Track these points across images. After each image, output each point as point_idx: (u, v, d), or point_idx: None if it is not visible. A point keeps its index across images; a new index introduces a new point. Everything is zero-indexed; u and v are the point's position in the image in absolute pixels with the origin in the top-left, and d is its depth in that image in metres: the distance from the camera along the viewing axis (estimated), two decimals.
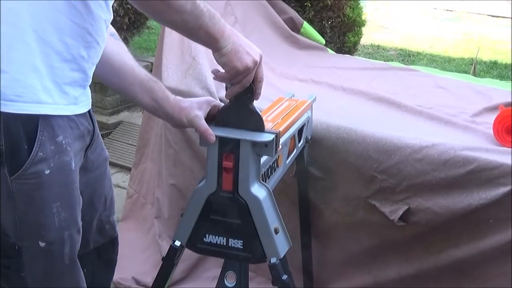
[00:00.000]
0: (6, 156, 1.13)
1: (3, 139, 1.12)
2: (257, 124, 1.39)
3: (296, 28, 2.87)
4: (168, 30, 2.22)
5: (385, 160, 1.68)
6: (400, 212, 1.66)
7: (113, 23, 1.37)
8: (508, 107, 1.87)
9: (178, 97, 1.45)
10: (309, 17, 3.34)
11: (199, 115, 1.40)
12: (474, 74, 4.05)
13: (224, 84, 1.42)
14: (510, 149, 1.65)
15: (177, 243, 1.47)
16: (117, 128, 3.80)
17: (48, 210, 1.19)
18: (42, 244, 1.21)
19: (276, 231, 1.43)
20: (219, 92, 1.99)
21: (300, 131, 1.70)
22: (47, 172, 1.16)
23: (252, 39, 2.53)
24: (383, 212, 1.70)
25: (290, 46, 2.77)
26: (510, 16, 6.92)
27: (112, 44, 1.38)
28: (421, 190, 1.65)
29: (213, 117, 1.43)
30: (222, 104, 1.46)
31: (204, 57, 2.13)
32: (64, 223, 1.22)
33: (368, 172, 1.71)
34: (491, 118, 1.82)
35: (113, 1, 1.26)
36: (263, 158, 1.45)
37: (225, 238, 1.44)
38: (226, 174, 1.40)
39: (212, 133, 1.37)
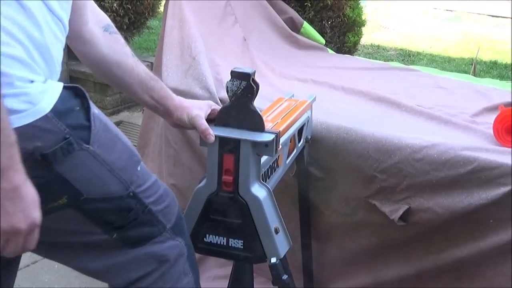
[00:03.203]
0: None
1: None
2: (257, 124, 1.40)
3: (296, 28, 2.87)
4: (168, 30, 2.22)
5: (385, 160, 1.68)
6: (401, 212, 1.67)
7: (113, 23, 1.37)
8: (508, 107, 1.87)
9: (181, 97, 1.45)
10: (309, 17, 3.34)
11: (200, 114, 1.41)
12: (474, 74, 4.04)
13: (224, 84, 1.42)
14: (510, 149, 1.65)
15: None
16: None
17: None
18: None
19: (277, 231, 1.43)
20: (219, 93, 1.99)
21: (300, 131, 1.70)
22: None
23: (252, 39, 2.56)
24: (384, 212, 1.70)
25: (290, 46, 2.77)
26: (510, 16, 6.92)
27: (107, 43, 1.34)
28: (422, 190, 1.65)
29: (212, 120, 1.43)
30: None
31: (204, 57, 2.13)
32: None
33: (369, 172, 1.71)
34: (491, 118, 1.82)
35: None
36: (263, 158, 1.45)
37: (225, 238, 1.45)
38: (226, 174, 1.41)
39: (212, 133, 1.38)
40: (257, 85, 1.37)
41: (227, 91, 1.38)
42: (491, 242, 1.59)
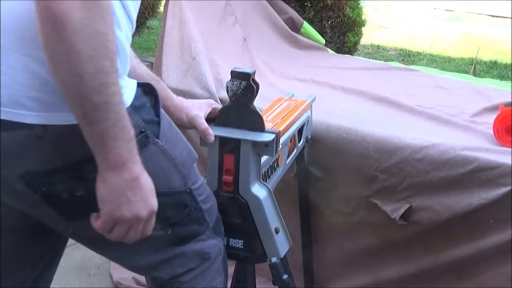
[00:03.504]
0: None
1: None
2: (257, 124, 1.40)
3: (296, 28, 2.87)
4: (168, 30, 2.22)
5: (386, 160, 1.69)
6: (402, 211, 1.67)
7: None
8: (508, 107, 1.87)
9: (181, 97, 1.46)
10: (309, 17, 3.34)
11: (200, 114, 1.41)
12: (474, 74, 4.05)
13: (224, 84, 1.42)
14: (510, 149, 1.65)
15: None
16: None
17: None
18: None
19: (277, 231, 1.44)
20: (219, 93, 1.99)
21: (300, 130, 1.70)
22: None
23: (252, 39, 2.56)
24: (385, 211, 1.70)
25: (290, 46, 2.77)
26: (510, 16, 6.92)
27: None
28: (422, 189, 1.65)
29: (213, 119, 1.44)
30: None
31: (204, 57, 2.13)
32: None
33: (369, 171, 1.72)
34: (491, 118, 1.82)
35: None
36: (264, 158, 1.45)
37: (225, 238, 1.45)
38: (226, 174, 1.41)
39: (212, 132, 1.38)
40: (257, 85, 1.38)
41: (227, 91, 1.38)
42: (491, 242, 1.59)
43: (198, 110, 1.43)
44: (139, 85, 1.13)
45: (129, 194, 0.98)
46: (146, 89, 1.14)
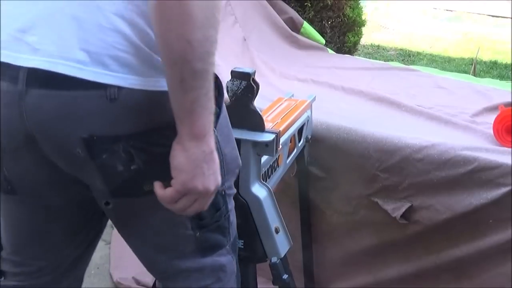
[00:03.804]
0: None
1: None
2: (257, 124, 1.40)
3: (296, 28, 2.87)
4: None
5: (387, 160, 1.69)
6: (403, 210, 1.67)
7: None
8: (508, 107, 1.87)
9: None
10: (309, 17, 3.34)
11: None
12: (474, 74, 4.05)
13: (225, 84, 1.42)
14: (510, 149, 1.65)
15: None
16: None
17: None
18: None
19: (277, 231, 1.44)
20: None
21: (300, 130, 1.70)
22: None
23: (252, 39, 2.56)
24: (386, 209, 1.70)
25: (290, 46, 2.77)
26: (510, 16, 6.92)
27: None
28: (423, 189, 1.65)
29: None
30: None
31: None
32: None
33: (370, 170, 1.72)
34: (491, 118, 1.82)
35: None
36: (264, 158, 1.45)
37: None
38: None
39: None
40: (257, 85, 1.38)
41: (227, 91, 1.38)
42: (491, 242, 1.59)
43: None
44: None
45: (205, 167, 0.98)
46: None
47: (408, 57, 5.65)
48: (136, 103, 0.97)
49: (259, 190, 1.42)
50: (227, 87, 1.38)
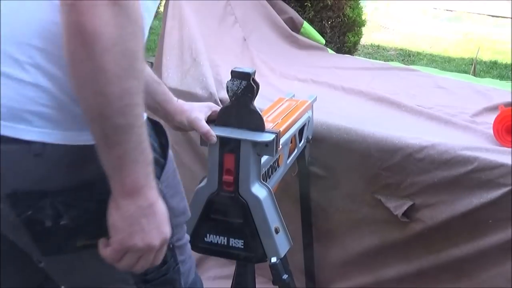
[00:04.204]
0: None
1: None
2: (257, 124, 1.40)
3: (296, 28, 2.87)
4: (168, 30, 2.22)
5: (388, 159, 1.69)
6: (405, 207, 1.68)
7: None
8: (508, 107, 1.87)
9: (181, 101, 1.44)
10: (309, 17, 3.34)
11: (199, 116, 1.40)
12: (474, 74, 4.05)
13: (224, 84, 1.42)
14: (510, 149, 1.65)
15: None
16: None
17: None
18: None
19: (277, 231, 1.44)
20: (219, 93, 1.99)
21: (301, 131, 1.70)
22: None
23: (252, 39, 2.56)
24: (388, 207, 1.71)
25: (290, 46, 2.77)
26: (510, 16, 6.92)
27: None
28: (425, 188, 1.66)
29: (213, 120, 1.43)
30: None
31: (205, 58, 2.13)
32: None
33: (372, 169, 1.72)
34: (491, 118, 1.82)
35: None
36: (264, 158, 1.45)
37: (226, 238, 1.45)
38: (227, 174, 1.41)
39: (214, 134, 1.38)
40: (257, 85, 1.37)
41: (227, 91, 1.38)
42: (491, 242, 1.59)
43: (197, 112, 1.41)
44: (149, 120, 1.06)
45: (143, 222, 0.92)
46: (156, 128, 1.09)
47: (408, 57, 5.65)
48: (62, 158, 0.92)
49: (259, 190, 1.42)
50: (227, 87, 1.37)
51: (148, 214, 0.92)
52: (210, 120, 1.43)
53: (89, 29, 0.80)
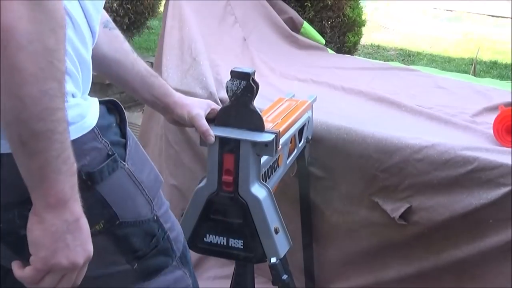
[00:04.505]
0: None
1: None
2: (257, 124, 1.40)
3: (296, 28, 2.87)
4: (168, 30, 2.22)
5: (386, 160, 1.69)
6: (402, 210, 1.67)
7: (113, 23, 1.35)
8: (508, 107, 1.87)
9: (180, 94, 1.43)
10: (309, 17, 3.34)
11: (201, 113, 1.39)
12: (474, 74, 4.04)
13: (224, 84, 1.42)
14: (510, 149, 1.65)
15: None
16: None
17: None
18: None
19: (276, 231, 1.44)
20: (219, 93, 1.99)
21: (301, 131, 1.70)
22: None
23: (252, 39, 2.56)
24: (385, 210, 1.71)
25: (290, 46, 2.77)
26: (510, 16, 6.92)
27: (107, 40, 1.26)
28: (423, 189, 1.65)
29: (211, 121, 1.43)
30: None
31: (205, 57, 2.13)
32: None
33: (370, 171, 1.72)
34: (491, 118, 1.82)
35: None
36: (263, 158, 1.45)
37: (225, 238, 1.45)
38: (226, 174, 1.41)
39: (212, 133, 1.37)
40: (257, 85, 1.37)
41: (227, 91, 1.38)
42: (491, 242, 1.59)
43: (199, 109, 1.40)
44: (102, 102, 1.03)
45: (69, 238, 0.85)
46: (109, 106, 1.04)
47: (408, 57, 5.65)
48: (13, 169, 0.85)
49: (258, 190, 1.42)
50: (227, 87, 1.37)
51: (74, 230, 0.86)
52: (208, 119, 1.42)
53: (1, 24, 0.74)
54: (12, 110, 0.78)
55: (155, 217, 1.08)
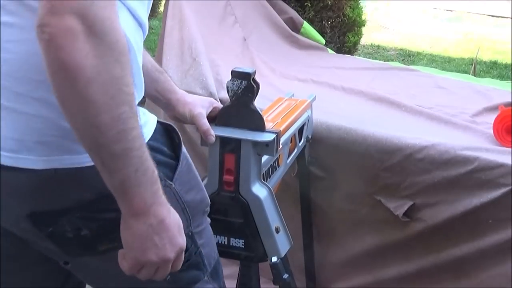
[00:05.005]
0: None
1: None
2: (258, 123, 1.40)
3: (296, 28, 2.87)
4: (168, 30, 2.22)
5: (388, 159, 1.70)
6: (405, 207, 1.68)
7: None
8: (508, 107, 1.87)
9: (183, 91, 1.43)
10: (309, 17, 3.34)
11: (202, 113, 1.39)
12: (474, 74, 4.05)
13: (224, 84, 1.43)
14: (510, 149, 1.65)
15: None
16: None
17: None
18: None
19: (277, 231, 1.44)
20: (219, 93, 1.99)
21: (301, 130, 1.70)
22: None
23: (252, 39, 2.56)
24: (388, 207, 1.71)
25: (290, 46, 2.77)
26: (510, 16, 6.92)
27: None
28: (425, 188, 1.66)
29: (212, 119, 1.43)
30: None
31: (205, 58, 2.13)
32: None
33: (372, 170, 1.73)
34: (491, 118, 1.82)
35: None
36: (264, 158, 1.45)
37: (226, 238, 1.45)
38: (227, 173, 1.41)
39: (213, 133, 1.37)
40: (258, 85, 1.38)
41: (228, 91, 1.38)
42: (491, 242, 1.59)
43: (201, 108, 1.40)
44: (161, 123, 1.09)
45: (156, 239, 0.93)
46: (167, 128, 1.11)
47: (408, 57, 5.65)
48: (74, 179, 0.95)
49: (259, 190, 1.42)
50: (228, 87, 1.38)
51: (160, 231, 0.93)
52: (210, 117, 1.42)
53: (70, 64, 0.80)
54: (90, 137, 0.85)
55: (190, 233, 1.13)
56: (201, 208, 1.18)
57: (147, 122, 1.05)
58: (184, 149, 1.12)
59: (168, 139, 1.11)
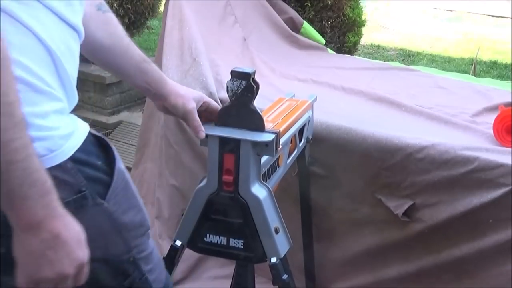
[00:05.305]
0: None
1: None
2: (257, 124, 1.40)
3: (296, 28, 2.87)
4: (168, 30, 2.22)
5: (388, 159, 1.70)
6: (405, 207, 1.68)
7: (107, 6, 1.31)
8: (508, 107, 1.87)
9: (173, 82, 1.39)
10: (309, 17, 3.34)
11: (196, 108, 1.36)
12: (474, 74, 4.04)
13: (224, 84, 1.42)
14: (510, 149, 1.65)
15: (178, 242, 1.48)
16: (117, 128, 3.80)
17: None
18: None
19: (277, 231, 1.44)
20: (219, 93, 1.99)
21: (301, 131, 1.70)
22: None
23: (252, 39, 2.56)
24: (388, 207, 1.71)
25: (290, 46, 2.77)
26: (510, 16, 6.92)
27: (100, 24, 1.22)
28: (425, 187, 1.66)
29: (207, 118, 1.41)
30: (213, 102, 1.45)
31: (205, 58, 2.13)
32: None
33: (373, 169, 1.73)
34: (491, 118, 1.82)
35: None
36: (264, 158, 1.45)
37: (225, 238, 1.45)
38: (226, 174, 1.41)
39: (203, 129, 1.35)
40: (257, 85, 1.37)
41: (227, 91, 1.38)
42: (491, 242, 1.59)
43: (194, 103, 1.37)
44: (94, 135, 1.03)
45: (50, 254, 0.86)
46: (101, 142, 1.05)
47: (408, 57, 5.65)
48: None
49: (259, 190, 1.42)
50: (227, 87, 1.37)
51: (54, 245, 0.87)
52: (205, 117, 1.41)
53: None
54: None
55: (132, 259, 1.09)
56: (140, 231, 1.13)
57: (74, 132, 0.99)
58: (120, 164, 1.06)
59: (104, 152, 1.05)
